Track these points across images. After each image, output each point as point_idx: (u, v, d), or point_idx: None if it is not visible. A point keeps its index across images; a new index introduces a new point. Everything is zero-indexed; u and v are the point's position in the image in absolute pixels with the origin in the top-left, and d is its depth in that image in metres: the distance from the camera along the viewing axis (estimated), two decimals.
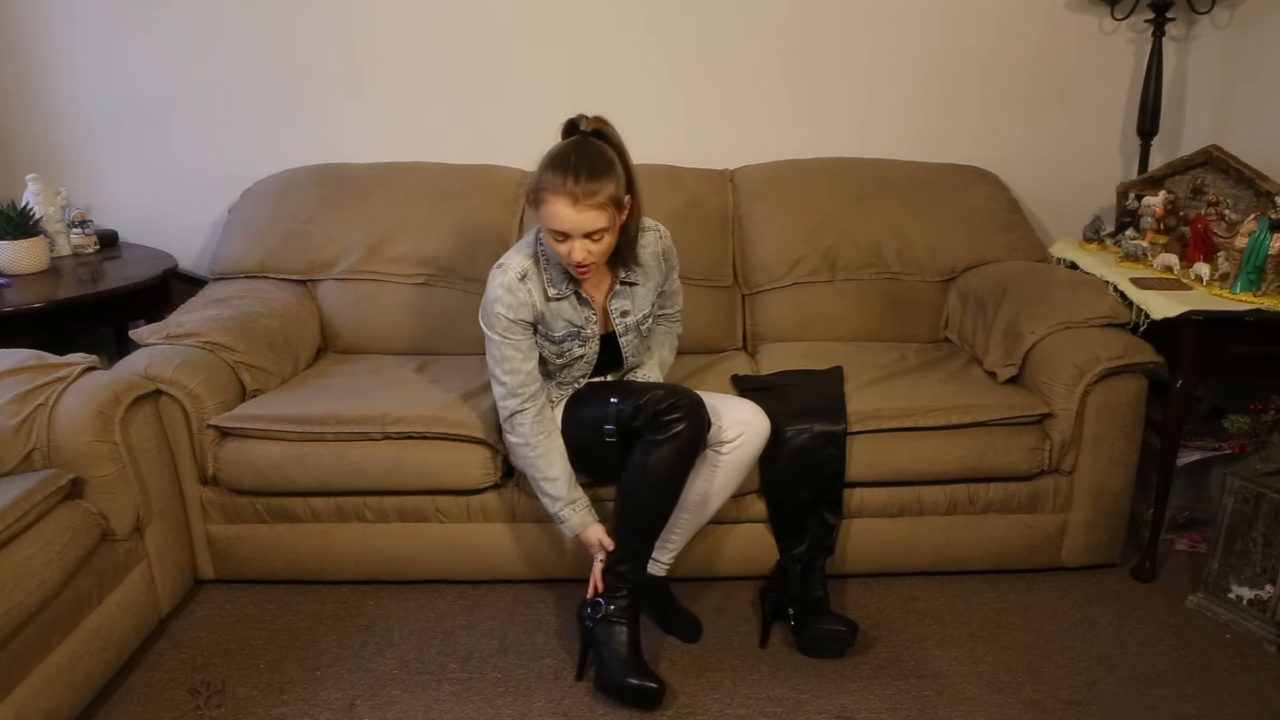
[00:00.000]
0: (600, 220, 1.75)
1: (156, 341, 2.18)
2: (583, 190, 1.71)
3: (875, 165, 2.71)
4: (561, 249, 1.78)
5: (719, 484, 1.93)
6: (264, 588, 2.20)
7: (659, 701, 1.79)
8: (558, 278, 1.88)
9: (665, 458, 1.78)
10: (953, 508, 2.13)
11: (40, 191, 2.62)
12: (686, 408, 1.78)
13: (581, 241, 1.76)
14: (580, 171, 1.72)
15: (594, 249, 1.77)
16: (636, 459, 1.81)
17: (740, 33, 2.74)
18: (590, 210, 1.73)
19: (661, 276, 2.03)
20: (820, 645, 1.93)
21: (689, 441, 1.79)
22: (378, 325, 2.58)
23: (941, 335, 2.62)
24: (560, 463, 1.90)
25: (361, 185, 2.63)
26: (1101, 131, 2.85)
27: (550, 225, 1.75)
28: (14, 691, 1.58)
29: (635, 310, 1.98)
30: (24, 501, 1.65)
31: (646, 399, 1.81)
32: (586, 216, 1.73)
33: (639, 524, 1.85)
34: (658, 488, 1.81)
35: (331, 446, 2.06)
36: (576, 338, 1.92)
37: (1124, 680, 1.89)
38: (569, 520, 1.90)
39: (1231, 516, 2.07)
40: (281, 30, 2.71)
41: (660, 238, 2.00)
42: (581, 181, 1.71)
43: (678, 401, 1.79)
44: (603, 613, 1.84)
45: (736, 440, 1.89)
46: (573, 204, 1.72)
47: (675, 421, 1.77)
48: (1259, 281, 2.07)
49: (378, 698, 1.85)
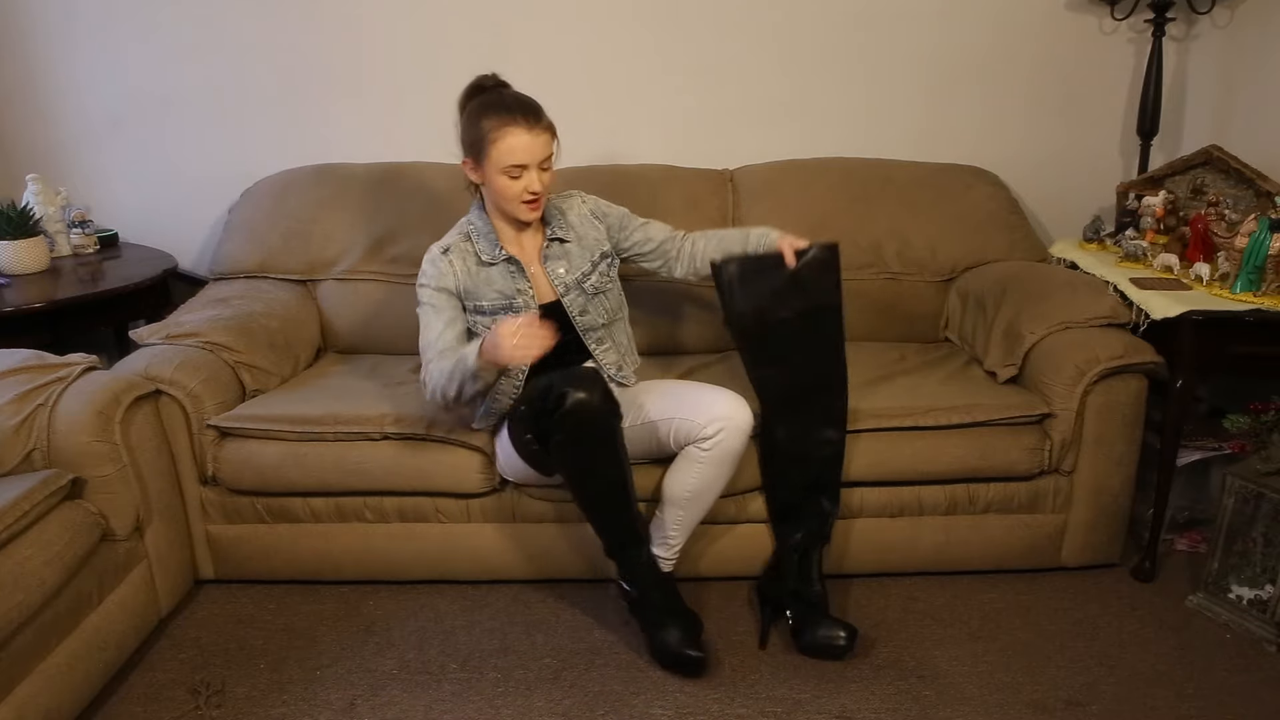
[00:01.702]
0: (549, 145, 1.88)
1: (156, 341, 2.18)
2: (534, 116, 1.85)
3: (875, 165, 2.71)
4: (517, 187, 1.86)
5: (705, 480, 1.91)
6: (264, 588, 2.20)
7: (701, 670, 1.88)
8: (487, 246, 1.96)
9: (564, 449, 1.79)
10: (953, 508, 2.13)
11: (40, 191, 2.62)
12: (562, 392, 1.74)
13: (536, 171, 1.86)
14: (524, 104, 1.87)
15: (545, 179, 1.88)
16: (554, 460, 1.84)
17: (740, 33, 2.74)
18: (543, 133, 1.85)
19: (602, 233, 2.07)
20: (819, 652, 1.93)
21: (581, 423, 1.75)
22: (378, 325, 2.58)
23: (941, 335, 2.62)
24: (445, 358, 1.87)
25: (361, 185, 2.63)
26: (1101, 131, 2.85)
27: (508, 161, 1.84)
28: (14, 691, 1.58)
29: (573, 268, 2.01)
30: (24, 501, 1.65)
31: (535, 394, 1.81)
32: (541, 140, 1.85)
33: (590, 518, 1.91)
34: (577, 482, 1.86)
35: (331, 446, 2.06)
36: (509, 309, 1.95)
37: (1124, 680, 1.89)
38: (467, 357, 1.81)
39: (1231, 516, 2.07)
40: (281, 30, 2.71)
41: (583, 200, 2.09)
42: (529, 112, 1.85)
43: (550, 387, 1.76)
44: (629, 600, 1.94)
45: (716, 437, 1.86)
46: (529, 129, 1.83)
47: (560, 413, 1.74)
48: (1259, 281, 2.07)
49: (378, 698, 1.85)
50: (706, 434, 1.86)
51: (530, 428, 1.84)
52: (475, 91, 1.94)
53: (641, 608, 1.93)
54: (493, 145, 1.84)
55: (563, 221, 2.03)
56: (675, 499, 1.93)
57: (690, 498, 1.93)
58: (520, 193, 1.87)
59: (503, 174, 1.86)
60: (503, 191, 1.88)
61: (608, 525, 1.90)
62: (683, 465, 1.91)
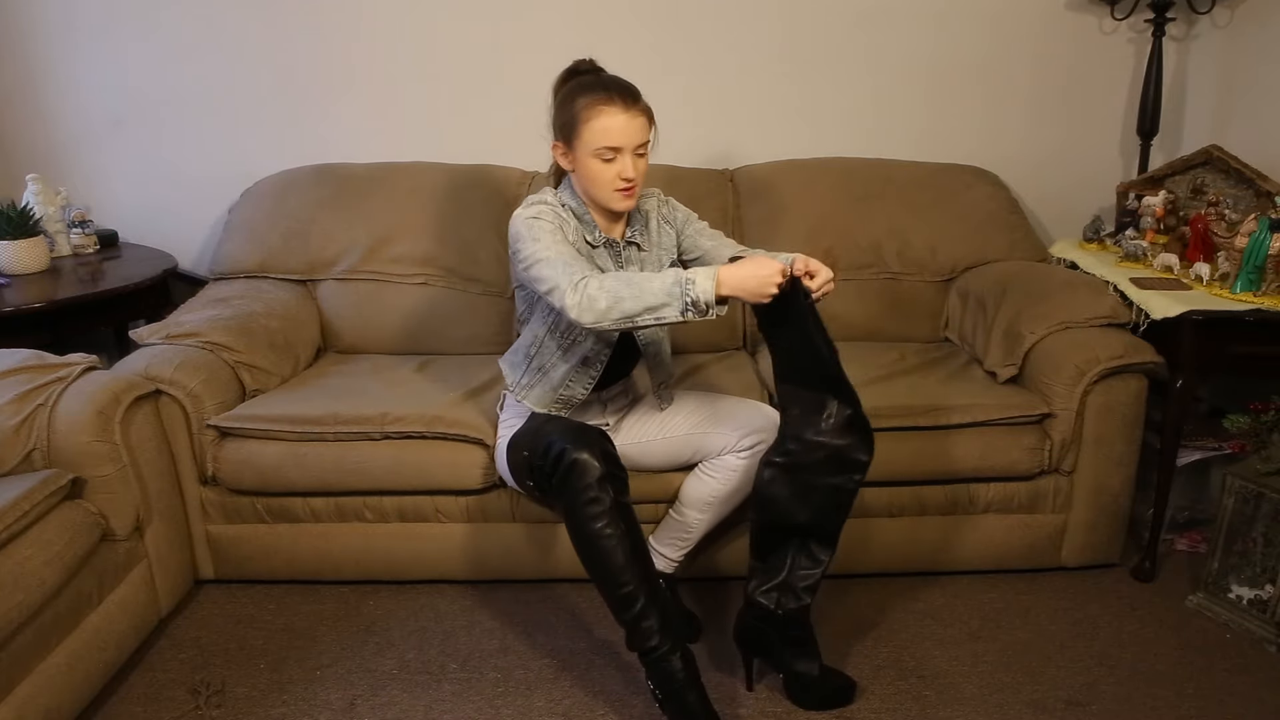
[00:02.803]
0: (647, 131, 1.73)
1: (156, 341, 2.18)
2: (632, 98, 1.71)
3: (875, 165, 2.71)
4: (610, 171, 1.71)
5: (734, 488, 1.90)
6: (264, 588, 2.20)
7: None
8: (586, 230, 1.80)
9: (568, 523, 1.70)
10: (953, 508, 2.14)
11: (40, 191, 2.62)
12: (557, 466, 1.66)
13: (631, 156, 1.71)
14: (622, 86, 1.73)
15: (641, 166, 1.73)
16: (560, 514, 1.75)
17: (740, 33, 2.74)
18: (640, 116, 1.71)
19: (672, 239, 1.93)
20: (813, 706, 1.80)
21: (574, 503, 1.66)
22: (378, 325, 2.58)
23: (941, 335, 2.62)
24: (645, 275, 1.60)
25: (361, 185, 2.63)
26: (1101, 131, 2.85)
27: (602, 142, 1.69)
28: (14, 691, 1.58)
29: (646, 269, 1.89)
30: (24, 501, 1.65)
31: (538, 445, 1.71)
32: (638, 124, 1.71)
33: (597, 585, 1.74)
34: (585, 556, 1.71)
35: (331, 446, 2.06)
36: None
37: (1124, 680, 1.89)
38: (698, 284, 1.55)
39: (1231, 516, 2.07)
40: (282, 30, 2.71)
41: (661, 201, 1.93)
42: (627, 92, 1.71)
43: (550, 444, 1.68)
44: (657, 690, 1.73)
45: (754, 448, 1.85)
46: (625, 109, 1.69)
47: (558, 474, 1.67)
48: (1259, 281, 2.07)
49: (378, 698, 1.85)
50: (745, 445, 1.86)
51: (529, 476, 1.79)
52: (570, 75, 1.80)
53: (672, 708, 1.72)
54: (585, 125, 1.70)
55: (643, 226, 1.89)
56: (696, 503, 1.92)
57: (712, 503, 1.92)
58: (613, 179, 1.72)
59: (594, 157, 1.71)
60: (595, 177, 1.73)
61: (606, 595, 1.72)
62: (713, 471, 1.90)
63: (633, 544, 1.68)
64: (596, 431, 1.74)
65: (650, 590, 1.69)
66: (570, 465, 1.65)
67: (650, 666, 1.71)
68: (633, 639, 1.71)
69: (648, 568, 1.71)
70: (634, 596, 1.67)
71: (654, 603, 1.68)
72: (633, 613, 1.68)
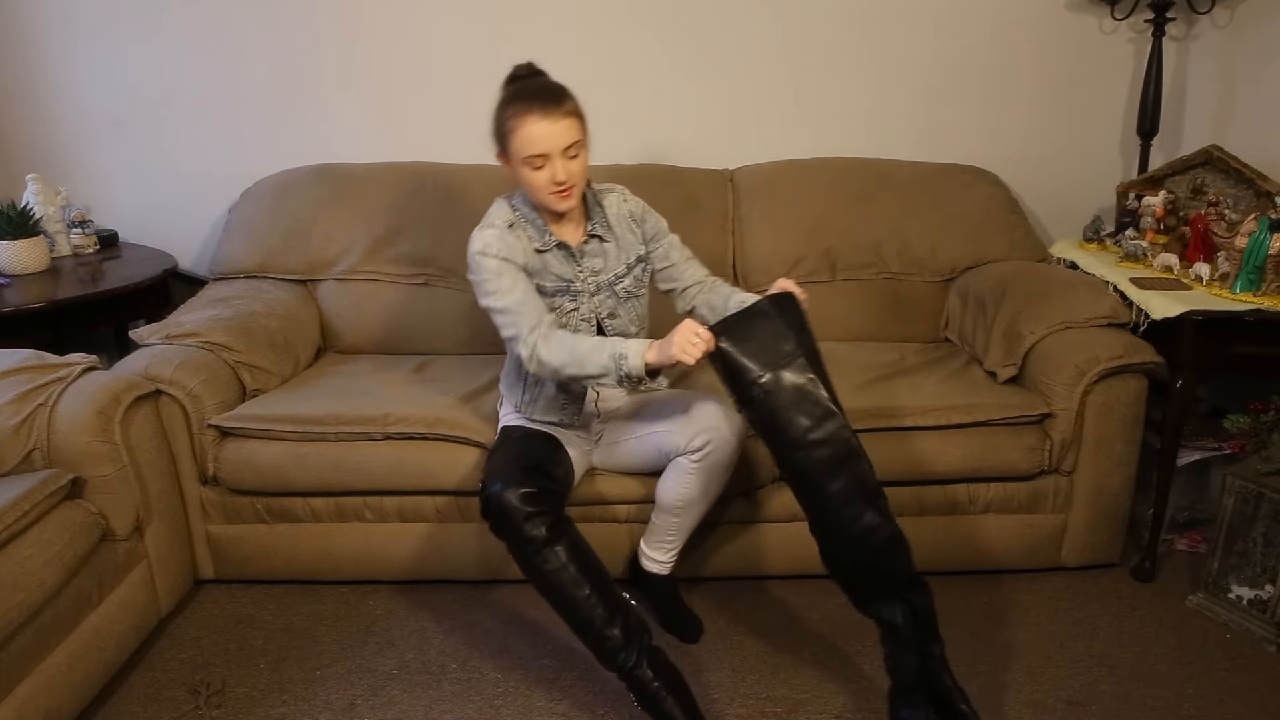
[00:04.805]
0: (574, 131, 1.75)
1: (156, 341, 2.18)
2: (552, 102, 1.73)
3: (875, 165, 2.71)
4: (542, 176, 1.75)
5: (696, 490, 1.89)
6: (264, 588, 2.20)
7: None
8: (537, 234, 1.84)
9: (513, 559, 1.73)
10: (953, 508, 2.14)
11: (40, 191, 2.62)
12: (487, 509, 1.71)
13: (561, 160, 1.74)
14: (542, 91, 1.76)
15: (573, 167, 1.76)
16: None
17: (741, 32, 2.74)
18: (563, 119, 1.73)
19: (639, 240, 1.94)
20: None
21: (510, 545, 1.72)
22: (378, 325, 2.58)
23: (941, 335, 2.62)
24: (588, 345, 1.72)
25: (361, 185, 2.63)
26: (1101, 131, 2.85)
27: (528, 151, 1.73)
28: (14, 691, 1.58)
29: (606, 268, 1.91)
30: (24, 501, 1.65)
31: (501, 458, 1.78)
32: (561, 126, 1.73)
33: (557, 613, 1.76)
34: (537, 588, 1.75)
35: (332, 446, 2.06)
36: (566, 292, 1.87)
37: (1124, 680, 1.89)
38: (630, 360, 1.68)
39: (1231, 516, 2.07)
40: (281, 30, 2.71)
41: (624, 199, 1.94)
42: (546, 98, 1.74)
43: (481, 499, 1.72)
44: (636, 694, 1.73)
45: (705, 449, 1.84)
46: (546, 116, 1.72)
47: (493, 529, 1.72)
48: (1259, 281, 2.07)
49: (378, 698, 1.85)
50: (695, 445, 1.84)
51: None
52: (509, 82, 1.83)
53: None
54: (513, 136, 1.74)
55: (604, 219, 1.91)
56: (669, 506, 1.92)
57: (683, 506, 1.92)
58: (546, 183, 1.75)
59: (526, 165, 1.75)
60: (530, 183, 1.77)
61: (574, 628, 1.73)
62: (674, 475, 1.89)
63: (578, 566, 1.70)
64: (533, 455, 1.79)
65: (606, 603, 1.70)
66: (497, 509, 1.68)
67: (626, 681, 1.72)
68: (602, 660, 1.72)
69: (597, 580, 1.71)
70: (589, 620, 1.70)
71: (613, 617, 1.70)
72: (593, 634, 1.70)
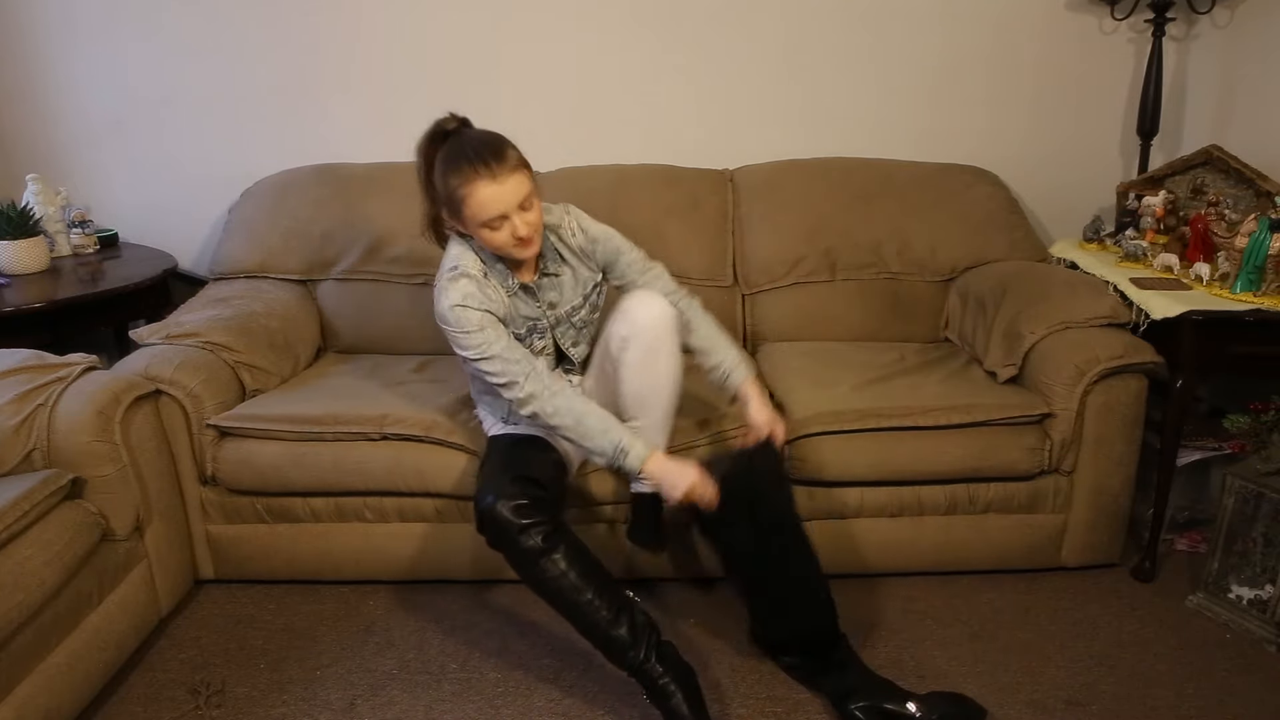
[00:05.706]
0: (525, 183, 1.72)
1: (156, 341, 2.18)
2: (496, 161, 1.68)
3: (875, 165, 2.71)
4: (502, 235, 1.73)
5: (641, 382, 1.85)
6: (264, 588, 2.20)
7: None
8: (500, 279, 1.83)
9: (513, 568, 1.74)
10: (953, 508, 2.13)
11: (40, 191, 2.62)
12: (482, 523, 1.72)
13: (518, 215, 1.71)
14: (482, 149, 1.70)
15: (531, 218, 1.73)
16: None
17: (741, 32, 2.74)
18: (511, 175, 1.69)
19: (594, 266, 1.93)
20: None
21: (509, 555, 1.72)
22: (378, 325, 2.58)
23: (941, 335, 2.62)
24: (594, 423, 1.75)
25: (361, 185, 2.63)
26: (1101, 131, 2.85)
27: (482, 217, 1.70)
28: (14, 691, 1.58)
29: (563, 301, 1.91)
30: (24, 501, 1.65)
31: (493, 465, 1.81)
32: (512, 184, 1.69)
33: (563, 617, 1.77)
34: (540, 595, 1.75)
35: (331, 447, 2.06)
36: (535, 330, 1.89)
37: (1124, 680, 1.89)
38: (630, 459, 1.73)
39: (1231, 516, 2.07)
40: (281, 30, 2.71)
41: (573, 232, 1.90)
42: (489, 157, 1.69)
43: (476, 513, 1.73)
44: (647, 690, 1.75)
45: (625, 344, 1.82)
46: (494, 179, 1.68)
47: (491, 542, 1.73)
48: (1259, 281, 2.07)
49: (378, 698, 1.85)
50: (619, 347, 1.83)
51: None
52: (437, 138, 1.77)
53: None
54: (465, 204, 1.70)
55: (556, 254, 1.90)
56: (628, 407, 1.87)
57: (638, 401, 1.87)
58: (507, 240, 1.73)
59: (483, 228, 1.73)
60: (491, 241, 1.75)
61: (584, 632, 1.76)
62: (620, 374, 1.85)
63: (579, 571, 1.71)
64: (522, 464, 1.79)
65: (610, 605, 1.72)
66: (492, 524, 1.69)
67: (636, 676, 1.74)
68: (610, 659, 1.75)
69: (599, 583, 1.73)
70: (594, 623, 1.72)
71: (618, 617, 1.72)
72: (599, 635, 1.73)
